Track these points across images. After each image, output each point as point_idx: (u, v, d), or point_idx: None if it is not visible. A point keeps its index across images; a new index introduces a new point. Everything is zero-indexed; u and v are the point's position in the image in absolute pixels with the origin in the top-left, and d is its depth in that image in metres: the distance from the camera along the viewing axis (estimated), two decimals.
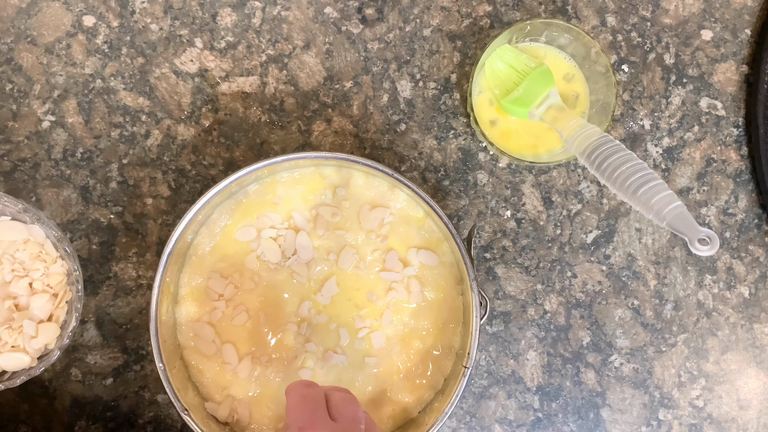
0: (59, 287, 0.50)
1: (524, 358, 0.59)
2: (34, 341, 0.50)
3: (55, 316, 0.51)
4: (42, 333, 0.49)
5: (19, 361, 0.49)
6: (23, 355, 0.49)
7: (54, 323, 0.50)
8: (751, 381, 0.60)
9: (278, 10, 0.59)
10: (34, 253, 0.50)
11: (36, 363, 0.50)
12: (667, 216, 0.44)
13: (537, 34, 0.56)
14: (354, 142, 0.59)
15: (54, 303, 0.50)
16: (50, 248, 0.51)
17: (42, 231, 0.51)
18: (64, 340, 0.49)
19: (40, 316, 0.50)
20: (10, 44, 0.58)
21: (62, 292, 0.51)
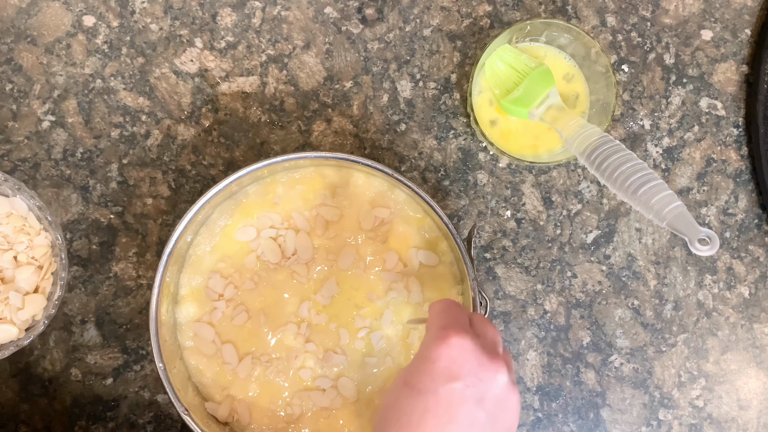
0: (44, 259, 0.51)
1: (524, 358, 0.59)
2: (20, 313, 0.50)
3: (41, 287, 0.51)
4: (28, 305, 0.50)
5: (7, 332, 0.50)
6: (10, 326, 0.50)
7: (40, 294, 0.51)
8: (751, 381, 0.60)
9: (278, 10, 0.59)
10: (17, 227, 0.51)
11: (24, 334, 0.50)
12: (667, 216, 0.44)
13: (537, 34, 0.56)
14: (354, 142, 0.59)
15: (39, 275, 0.50)
16: (33, 221, 0.51)
17: (24, 203, 0.51)
18: (50, 311, 0.49)
19: (26, 288, 0.50)
20: (10, 44, 0.58)
21: (47, 264, 0.51)
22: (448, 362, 0.39)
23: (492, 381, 0.40)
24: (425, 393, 0.39)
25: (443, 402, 0.38)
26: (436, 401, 0.38)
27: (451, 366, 0.39)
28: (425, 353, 0.40)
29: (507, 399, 0.40)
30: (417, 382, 0.39)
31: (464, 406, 0.38)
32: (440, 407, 0.38)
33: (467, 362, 0.39)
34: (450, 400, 0.38)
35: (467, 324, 0.42)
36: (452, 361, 0.39)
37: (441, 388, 0.39)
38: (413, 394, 0.39)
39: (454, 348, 0.39)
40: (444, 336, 0.40)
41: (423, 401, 0.39)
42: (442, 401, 0.38)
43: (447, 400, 0.38)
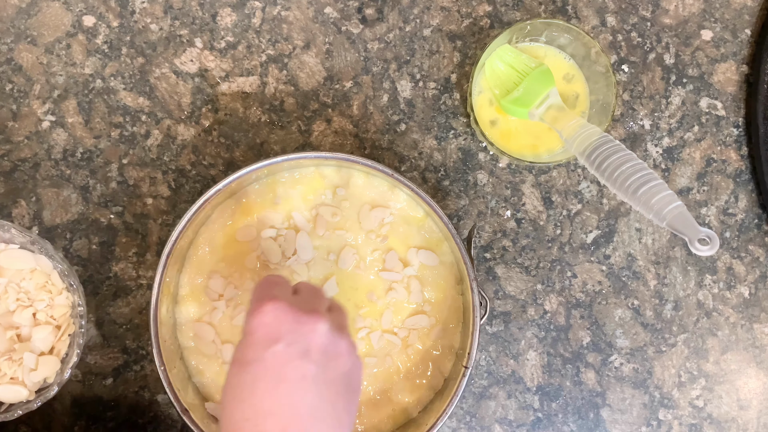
0: (63, 320, 0.50)
1: (524, 358, 0.59)
2: (33, 374, 0.49)
3: (57, 349, 0.50)
4: (42, 366, 0.49)
5: (17, 393, 0.49)
6: (21, 387, 0.49)
7: (55, 357, 0.50)
8: (751, 381, 0.60)
9: (278, 10, 0.59)
10: (39, 283, 0.50)
11: (33, 396, 0.49)
12: (667, 216, 0.44)
13: (537, 34, 0.56)
14: (354, 142, 0.59)
15: (56, 335, 0.50)
16: (56, 279, 0.51)
17: (49, 261, 0.50)
18: (64, 375, 0.48)
19: (41, 348, 0.49)
20: (10, 44, 0.58)
21: (65, 325, 0.50)
22: (266, 329, 0.40)
23: (312, 333, 0.41)
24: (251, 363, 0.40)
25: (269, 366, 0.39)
26: (263, 367, 0.39)
27: (269, 331, 0.40)
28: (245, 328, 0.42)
29: (334, 345, 0.41)
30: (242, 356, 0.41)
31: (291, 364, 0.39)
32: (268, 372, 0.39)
33: (284, 323, 0.41)
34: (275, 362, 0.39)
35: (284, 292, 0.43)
36: (269, 327, 0.40)
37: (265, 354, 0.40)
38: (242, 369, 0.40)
39: (268, 314, 0.41)
40: (259, 306, 0.41)
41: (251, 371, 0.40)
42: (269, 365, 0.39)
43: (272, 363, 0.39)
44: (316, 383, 0.40)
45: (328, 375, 0.41)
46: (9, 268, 0.50)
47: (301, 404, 0.39)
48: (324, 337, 0.41)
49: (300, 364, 0.40)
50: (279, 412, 0.39)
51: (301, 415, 0.39)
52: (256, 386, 0.39)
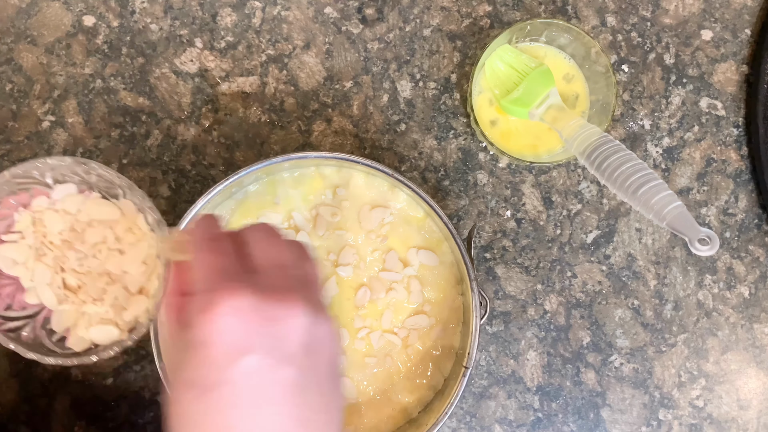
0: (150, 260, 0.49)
1: (524, 358, 0.59)
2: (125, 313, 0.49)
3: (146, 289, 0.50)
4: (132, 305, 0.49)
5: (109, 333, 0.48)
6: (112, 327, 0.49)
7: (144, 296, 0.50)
8: (751, 381, 0.60)
9: (278, 10, 0.59)
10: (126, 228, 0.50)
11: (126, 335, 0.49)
12: (667, 216, 0.44)
13: (537, 34, 0.56)
14: (354, 142, 0.59)
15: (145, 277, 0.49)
16: (142, 222, 0.50)
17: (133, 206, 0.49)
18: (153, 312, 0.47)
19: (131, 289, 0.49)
20: (10, 44, 0.58)
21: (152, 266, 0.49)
22: (228, 338, 0.30)
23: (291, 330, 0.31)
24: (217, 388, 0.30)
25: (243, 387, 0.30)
26: (234, 391, 0.30)
27: (233, 340, 0.30)
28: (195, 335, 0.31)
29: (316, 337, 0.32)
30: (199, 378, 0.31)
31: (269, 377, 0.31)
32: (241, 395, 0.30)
33: (252, 326, 0.31)
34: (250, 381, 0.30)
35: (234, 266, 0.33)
36: (233, 334, 0.30)
37: (233, 372, 0.30)
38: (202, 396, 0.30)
39: (228, 317, 0.31)
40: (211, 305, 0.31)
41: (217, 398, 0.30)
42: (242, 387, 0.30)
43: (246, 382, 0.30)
44: (303, 392, 0.32)
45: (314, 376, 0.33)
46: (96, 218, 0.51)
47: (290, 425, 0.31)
48: (304, 329, 0.32)
49: (281, 374, 0.31)
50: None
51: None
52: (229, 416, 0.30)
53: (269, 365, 0.31)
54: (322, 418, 0.33)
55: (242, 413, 0.30)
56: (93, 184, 0.50)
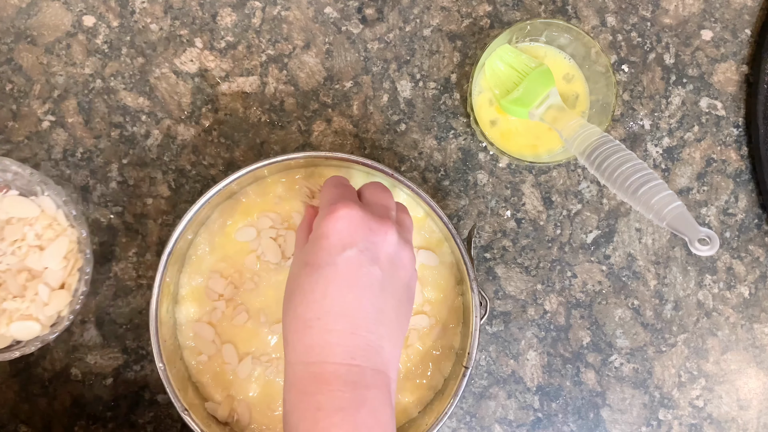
0: (71, 255, 0.51)
1: (524, 358, 0.59)
2: (46, 308, 0.50)
3: (67, 283, 0.51)
4: (54, 300, 0.51)
5: (30, 329, 0.50)
6: (34, 323, 0.50)
7: (65, 291, 0.51)
8: (751, 381, 0.60)
9: (278, 10, 0.59)
10: (45, 225, 0.51)
11: (48, 330, 0.51)
12: (667, 216, 0.44)
13: (537, 34, 0.56)
14: (354, 142, 0.59)
15: (66, 271, 0.51)
16: (61, 218, 0.52)
17: (53, 202, 0.51)
18: (75, 306, 0.50)
19: (53, 284, 0.51)
20: (10, 44, 0.58)
21: (73, 260, 0.51)
22: (340, 234, 0.41)
23: (383, 242, 0.42)
24: (324, 267, 0.41)
25: (342, 270, 0.41)
26: (335, 271, 0.41)
27: (343, 237, 0.41)
28: (318, 231, 0.42)
29: (400, 256, 0.43)
30: (315, 259, 0.42)
31: (362, 269, 0.41)
32: (340, 275, 0.41)
33: (357, 230, 0.42)
34: (348, 267, 0.41)
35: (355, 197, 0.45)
36: (343, 232, 0.41)
37: (338, 258, 0.41)
38: (314, 271, 0.41)
39: (343, 220, 0.42)
40: (333, 211, 0.42)
41: (324, 275, 0.41)
42: (341, 270, 0.41)
43: (345, 267, 0.41)
44: (383, 289, 0.42)
45: (393, 283, 0.43)
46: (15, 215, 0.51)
47: (369, 308, 0.41)
48: (392, 247, 0.43)
49: (370, 270, 0.41)
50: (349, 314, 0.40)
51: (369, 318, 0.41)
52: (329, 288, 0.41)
53: (363, 260, 0.41)
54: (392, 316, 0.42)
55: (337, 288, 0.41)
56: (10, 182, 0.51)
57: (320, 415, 0.39)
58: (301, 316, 0.41)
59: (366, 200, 0.45)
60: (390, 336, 0.42)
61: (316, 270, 0.41)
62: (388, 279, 0.42)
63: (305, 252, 0.43)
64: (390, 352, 0.42)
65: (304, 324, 0.41)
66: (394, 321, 0.43)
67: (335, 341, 0.40)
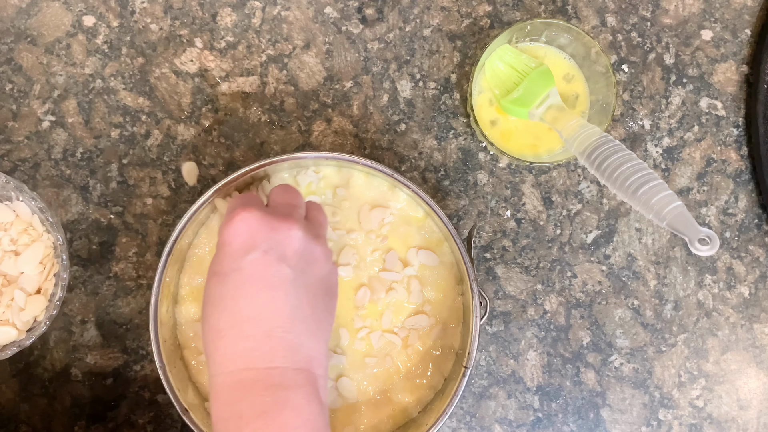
0: (46, 260, 0.51)
1: (524, 358, 0.59)
2: (22, 314, 0.51)
3: (44, 288, 0.52)
4: (30, 305, 0.51)
5: (7, 334, 0.50)
6: (10, 328, 0.50)
7: (42, 296, 0.51)
8: (751, 381, 0.60)
9: (278, 10, 0.59)
10: (20, 230, 0.51)
11: (25, 335, 0.51)
12: (667, 216, 0.44)
13: (537, 34, 0.56)
14: (354, 142, 0.59)
15: (42, 277, 0.51)
16: (37, 223, 0.52)
17: (27, 207, 0.52)
18: (51, 311, 0.50)
19: (29, 289, 0.51)
20: (10, 44, 0.58)
21: (50, 265, 0.52)
22: (241, 238, 0.41)
23: (288, 239, 0.42)
24: (230, 273, 0.41)
25: (249, 274, 0.40)
26: (242, 276, 0.40)
27: (244, 240, 0.41)
28: (220, 239, 0.42)
29: (309, 251, 0.43)
30: (220, 267, 0.41)
31: (269, 269, 0.41)
32: (247, 280, 0.40)
33: (258, 231, 0.41)
34: (254, 270, 0.40)
35: (258, 201, 0.44)
36: (244, 235, 0.41)
37: (242, 263, 0.40)
38: (221, 280, 0.41)
39: (242, 223, 0.41)
40: (231, 217, 0.42)
41: (231, 281, 0.41)
42: (248, 273, 0.40)
43: (251, 270, 0.40)
44: (295, 286, 0.41)
45: (306, 278, 0.42)
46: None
47: (283, 307, 0.40)
48: (299, 242, 0.42)
49: (278, 268, 0.41)
50: (262, 316, 0.40)
51: (283, 317, 0.40)
52: (238, 294, 0.40)
53: (269, 260, 0.41)
54: (308, 312, 0.42)
55: (246, 292, 0.40)
56: None
57: (242, 422, 0.39)
58: (215, 326, 0.41)
59: (270, 202, 0.45)
60: (309, 332, 0.42)
61: (223, 278, 0.41)
62: (300, 275, 0.42)
63: (213, 261, 0.42)
64: (311, 348, 0.42)
65: (218, 334, 0.41)
66: (311, 317, 0.42)
67: (252, 346, 0.40)
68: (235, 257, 0.41)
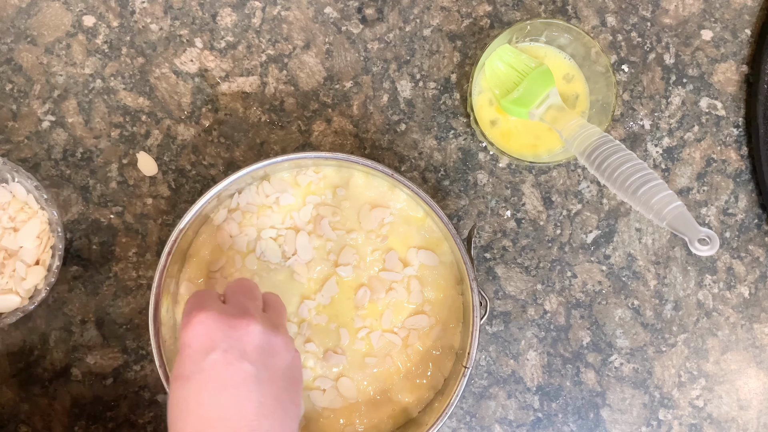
0: (43, 234, 0.54)
1: (524, 358, 0.59)
2: (24, 283, 0.54)
3: (42, 260, 0.55)
4: (30, 275, 0.54)
5: (11, 301, 0.54)
6: (14, 296, 0.54)
7: (41, 266, 0.54)
8: (751, 381, 0.60)
9: (278, 10, 0.59)
10: (17, 208, 0.55)
11: (28, 302, 0.54)
12: (667, 216, 0.44)
13: (537, 34, 0.56)
14: (354, 142, 0.59)
15: (40, 249, 0.54)
16: (32, 202, 0.55)
17: (23, 188, 0.55)
18: (50, 279, 0.53)
19: (28, 261, 0.54)
20: (10, 44, 0.58)
21: (46, 239, 0.54)
22: (200, 339, 0.41)
23: (246, 335, 0.42)
24: (192, 376, 0.41)
25: (210, 375, 0.41)
26: (204, 378, 0.41)
27: (203, 342, 0.41)
28: (180, 342, 0.42)
29: (269, 344, 0.43)
30: (182, 371, 0.42)
31: (230, 368, 0.41)
32: (209, 380, 0.41)
33: (216, 331, 0.41)
34: (216, 370, 0.41)
35: (215, 300, 0.44)
36: (203, 337, 0.41)
37: (203, 364, 0.41)
38: (184, 383, 0.41)
39: (199, 325, 0.41)
40: (189, 319, 0.42)
41: (194, 384, 0.41)
42: (209, 374, 0.41)
43: (212, 371, 0.41)
44: (259, 382, 0.41)
45: (269, 372, 0.42)
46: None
47: (247, 405, 0.40)
48: (258, 337, 0.42)
49: (239, 366, 0.41)
50: (227, 416, 0.40)
51: (249, 415, 0.40)
52: (201, 397, 0.40)
53: (229, 359, 0.41)
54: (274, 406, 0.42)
55: (210, 394, 0.40)
56: None
57: None
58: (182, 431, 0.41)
59: (227, 299, 0.45)
60: (276, 426, 0.41)
61: (185, 382, 0.41)
62: (262, 370, 0.42)
63: (175, 366, 0.43)
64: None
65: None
66: (278, 410, 0.42)
67: None
68: (195, 359, 0.41)
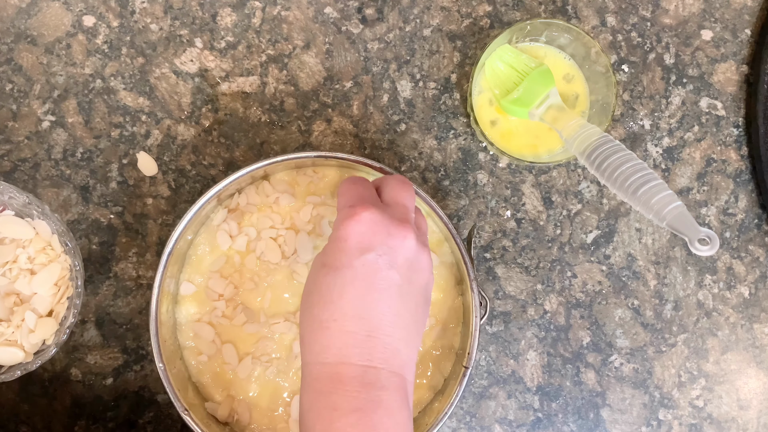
0: (62, 282, 0.51)
1: (524, 358, 0.59)
2: (32, 336, 0.50)
3: (55, 312, 0.51)
4: (40, 328, 0.50)
5: (13, 355, 0.50)
6: (17, 349, 0.50)
7: (53, 319, 0.51)
8: (751, 381, 0.60)
9: (278, 10, 0.59)
10: (38, 249, 0.51)
11: (32, 358, 0.50)
12: (667, 216, 0.44)
13: (537, 34, 0.56)
14: (354, 142, 0.59)
15: (55, 299, 0.51)
16: (56, 243, 0.51)
17: (48, 227, 0.51)
18: (61, 336, 0.50)
19: (40, 311, 0.50)
20: (10, 44, 0.58)
21: (64, 288, 0.51)
22: (359, 237, 0.42)
23: (401, 247, 0.42)
24: (342, 269, 0.41)
25: (360, 273, 0.41)
26: (353, 274, 0.41)
27: (362, 240, 0.42)
28: (337, 233, 0.42)
29: (417, 260, 0.43)
30: (333, 261, 0.42)
31: (379, 273, 0.41)
32: (357, 278, 0.41)
33: (377, 234, 0.42)
34: (366, 271, 0.41)
35: (374, 198, 0.45)
36: (362, 236, 0.42)
37: (356, 261, 0.41)
38: (332, 273, 0.41)
39: (363, 223, 0.42)
40: (352, 214, 0.42)
41: (341, 276, 0.41)
42: (359, 273, 0.41)
43: (363, 271, 0.41)
44: (400, 293, 0.42)
45: (410, 287, 0.43)
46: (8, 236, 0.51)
47: (387, 311, 0.41)
48: (411, 251, 0.43)
49: (388, 274, 0.41)
50: (366, 316, 0.41)
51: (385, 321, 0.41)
52: (346, 290, 0.41)
53: (381, 264, 0.41)
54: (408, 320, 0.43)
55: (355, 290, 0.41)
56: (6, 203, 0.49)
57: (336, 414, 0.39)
58: (317, 316, 0.41)
59: (385, 199, 0.45)
60: (406, 339, 0.42)
61: (333, 271, 0.41)
62: (405, 283, 0.42)
63: (324, 252, 0.43)
64: (406, 354, 0.42)
65: (320, 325, 0.41)
66: (411, 324, 0.43)
67: (352, 343, 0.40)
68: (349, 254, 0.41)
